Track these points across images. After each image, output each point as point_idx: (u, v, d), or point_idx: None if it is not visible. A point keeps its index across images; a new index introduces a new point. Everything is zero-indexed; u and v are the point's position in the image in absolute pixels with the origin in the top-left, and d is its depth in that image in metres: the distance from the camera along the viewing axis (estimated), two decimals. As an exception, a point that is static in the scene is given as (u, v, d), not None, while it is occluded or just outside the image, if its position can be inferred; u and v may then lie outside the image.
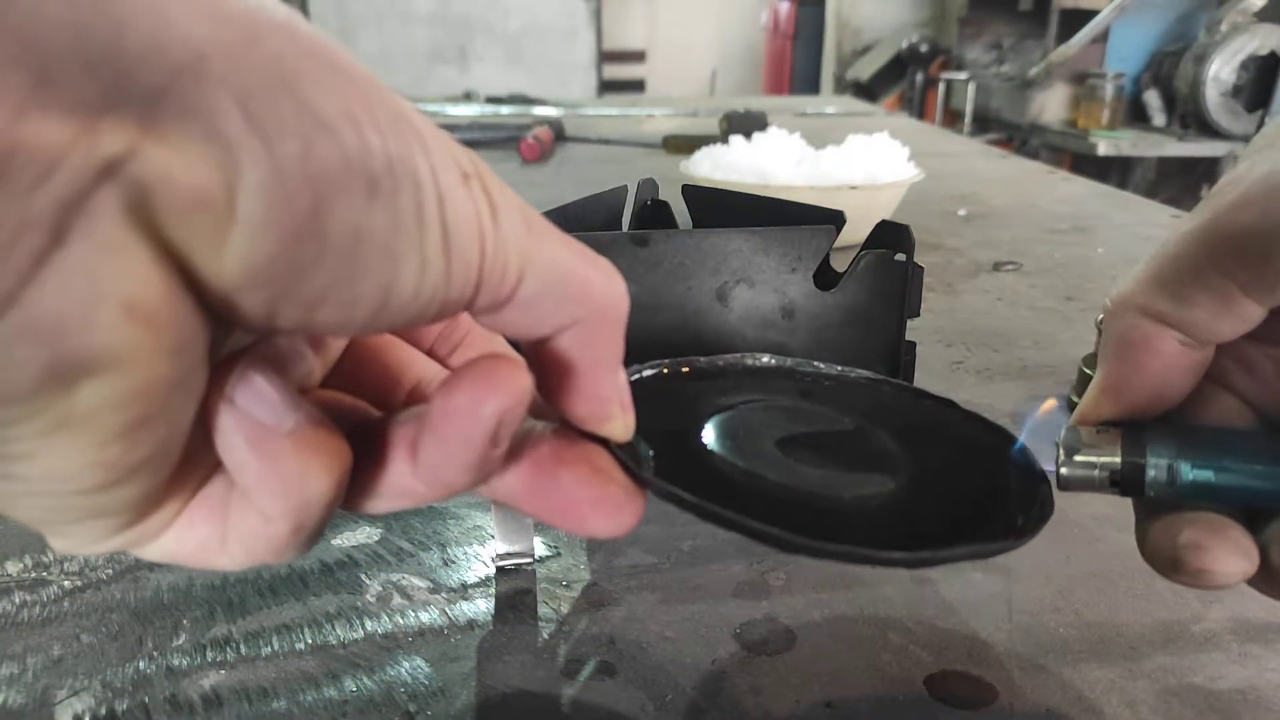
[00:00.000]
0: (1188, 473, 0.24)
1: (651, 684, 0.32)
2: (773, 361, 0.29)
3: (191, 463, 0.19)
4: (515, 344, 0.21)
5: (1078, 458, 0.25)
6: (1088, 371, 0.53)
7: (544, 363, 0.20)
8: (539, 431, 0.22)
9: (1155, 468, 0.24)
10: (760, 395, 0.27)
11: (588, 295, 0.19)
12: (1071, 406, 0.54)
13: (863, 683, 0.32)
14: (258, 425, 0.18)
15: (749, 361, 0.29)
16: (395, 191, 0.16)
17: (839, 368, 0.29)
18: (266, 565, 0.38)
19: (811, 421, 0.27)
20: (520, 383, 0.18)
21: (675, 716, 0.31)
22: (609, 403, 0.21)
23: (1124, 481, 0.25)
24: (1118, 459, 0.25)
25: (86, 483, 0.16)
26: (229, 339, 0.18)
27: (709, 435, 0.24)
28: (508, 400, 0.18)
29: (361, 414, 0.22)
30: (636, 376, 0.27)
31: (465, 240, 0.17)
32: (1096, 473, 0.25)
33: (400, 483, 0.20)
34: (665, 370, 0.27)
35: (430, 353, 0.25)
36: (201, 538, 0.19)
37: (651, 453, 0.23)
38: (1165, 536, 0.25)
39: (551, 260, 0.19)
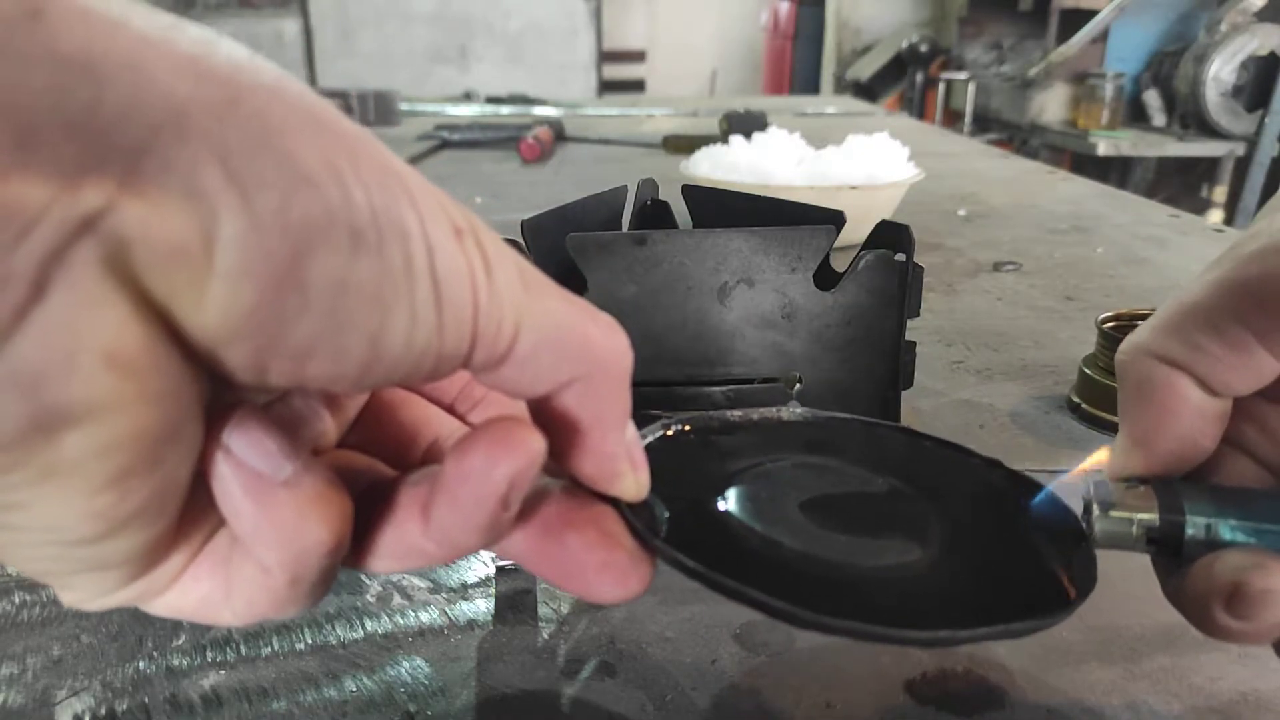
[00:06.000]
0: (1227, 533, 0.23)
1: (651, 684, 0.32)
2: (809, 415, 0.28)
3: (195, 517, 0.19)
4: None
5: (1113, 514, 0.24)
6: (1087, 371, 0.53)
7: (549, 421, 0.20)
8: (549, 491, 0.21)
9: (1194, 526, 0.23)
10: (790, 453, 0.26)
11: (588, 351, 0.19)
12: (1072, 406, 0.54)
13: (862, 683, 0.32)
14: (253, 473, 0.18)
15: (783, 415, 0.28)
16: (381, 243, 0.16)
17: (878, 422, 0.28)
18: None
19: (842, 482, 0.25)
20: (533, 446, 0.18)
21: (675, 716, 0.31)
22: (617, 460, 0.21)
23: (1161, 540, 0.24)
24: (1156, 516, 0.24)
25: (81, 533, 0.16)
26: (229, 394, 0.18)
27: (732, 497, 0.24)
28: (520, 463, 0.18)
29: (375, 473, 0.22)
30: (660, 434, 0.26)
31: (457, 293, 0.17)
32: (1134, 530, 0.24)
33: (410, 542, 0.20)
34: (691, 427, 0.26)
35: (452, 409, 0.25)
36: (205, 592, 0.19)
37: (667, 515, 0.22)
38: (1209, 572, 0.23)
39: (549, 316, 0.18)
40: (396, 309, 0.16)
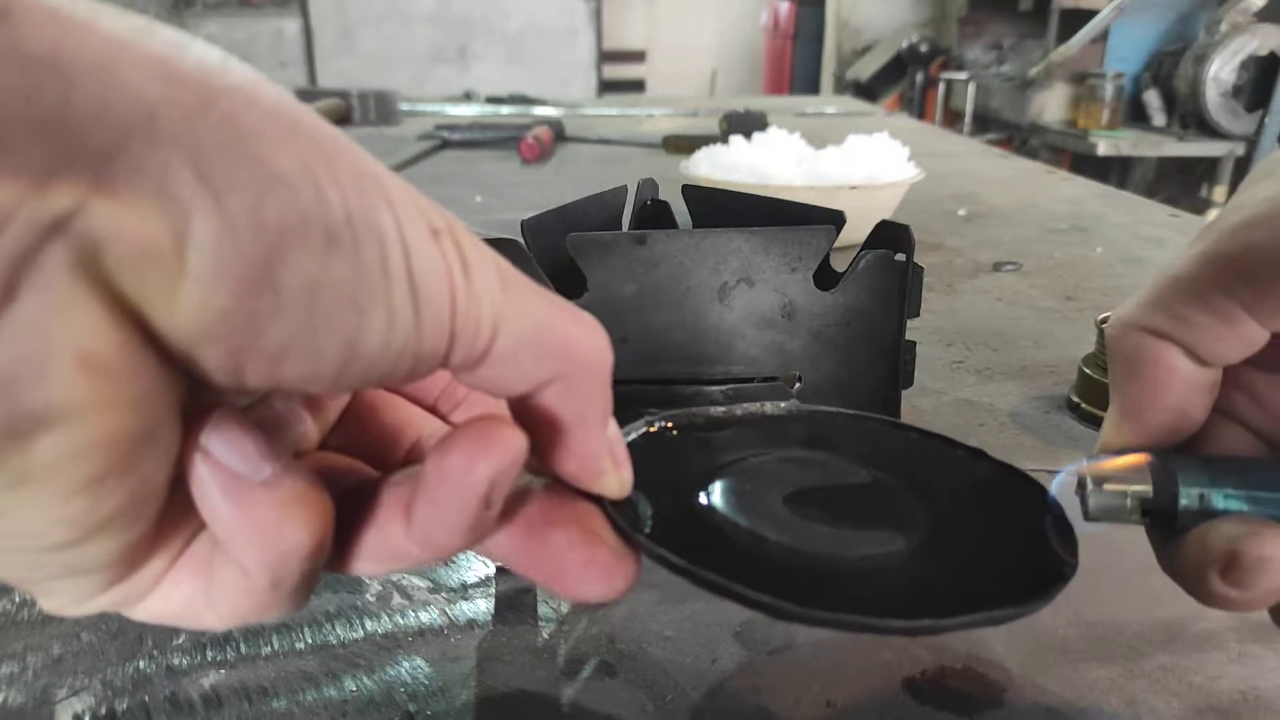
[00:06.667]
0: (1220, 502, 0.23)
1: (651, 684, 0.32)
2: (793, 408, 0.28)
3: (175, 521, 0.19)
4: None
5: (1107, 487, 0.24)
6: (1087, 371, 0.53)
7: (530, 420, 0.20)
8: (531, 490, 0.21)
9: (1188, 496, 0.24)
10: (776, 446, 0.26)
11: (568, 350, 0.19)
12: (1072, 405, 0.54)
13: (863, 682, 0.32)
14: (232, 475, 0.17)
15: (768, 410, 0.28)
16: (356, 244, 0.16)
17: (863, 414, 0.28)
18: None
19: (827, 475, 0.26)
20: (514, 444, 0.18)
21: (675, 716, 0.31)
22: (599, 459, 0.21)
23: (1155, 511, 0.24)
24: (1149, 487, 0.24)
25: (56, 538, 0.16)
26: (207, 396, 0.18)
27: (716, 492, 0.24)
28: (501, 462, 0.18)
29: (358, 474, 0.22)
30: (644, 431, 0.26)
31: (435, 293, 0.17)
32: (1128, 502, 0.24)
33: (394, 544, 0.20)
34: (674, 423, 0.26)
35: (434, 409, 0.25)
36: (187, 596, 0.19)
37: (651, 511, 0.22)
38: (1204, 541, 0.23)
39: (529, 315, 0.18)
40: (373, 309, 0.16)
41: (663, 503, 0.22)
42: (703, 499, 0.23)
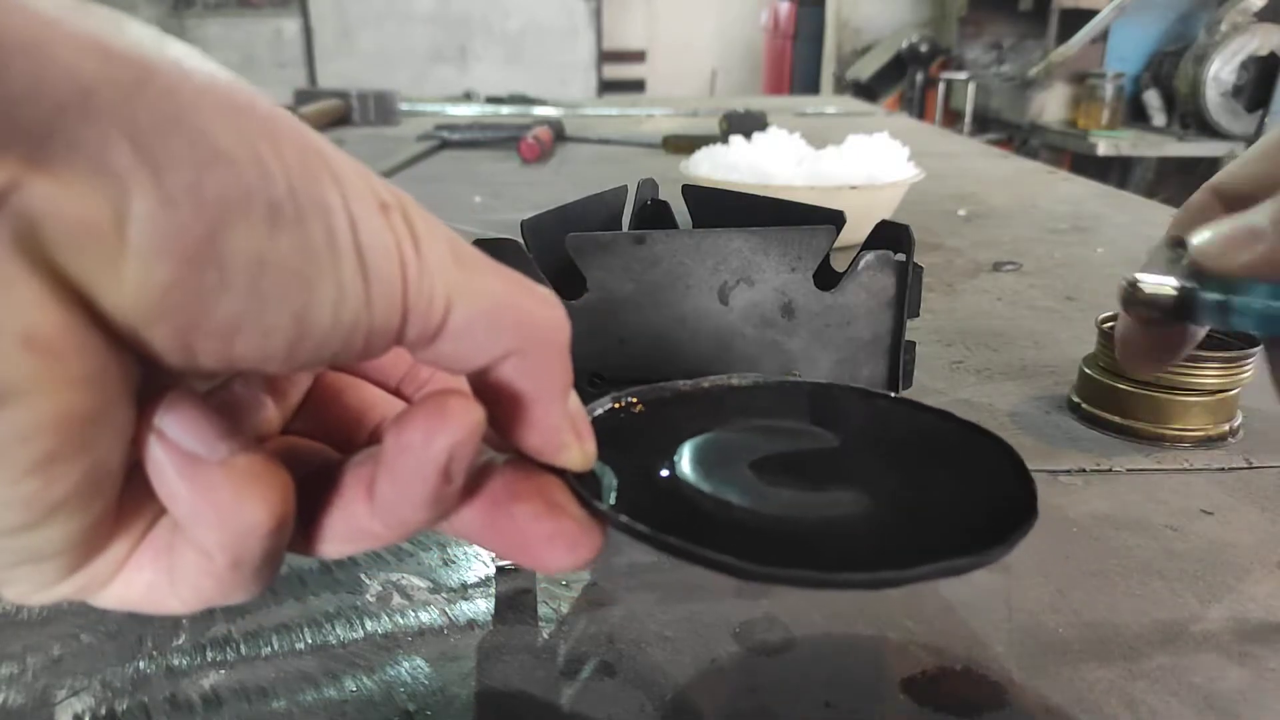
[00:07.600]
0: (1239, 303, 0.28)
1: (651, 684, 0.32)
2: (760, 380, 0.28)
3: (135, 505, 0.19)
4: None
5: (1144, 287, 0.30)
6: (1087, 371, 0.53)
7: (491, 396, 0.20)
8: (495, 465, 0.21)
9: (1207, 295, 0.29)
10: (742, 417, 0.27)
11: (524, 324, 0.19)
12: (1072, 406, 0.54)
13: (862, 682, 0.32)
14: (187, 455, 0.17)
15: (734, 382, 0.28)
16: (300, 219, 0.16)
17: (830, 384, 0.29)
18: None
19: (792, 441, 0.26)
20: (471, 416, 0.18)
21: (675, 716, 0.31)
22: (559, 431, 0.21)
23: (1180, 304, 0.29)
24: (1174, 291, 0.30)
25: (9, 521, 0.16)
26: (165, 379, 0.17)
27: (682, 462, 0.24)
28: (459, 434, 0.18)
29: (323, 457, 0.22)
30: (610, 407, 0.26)
31: (384, 268, 0.17)
32: (1161, 296, 0.30)
33: (358, 524, 0.20)
34: (640, 398, 0.27)
35: (398, 392, 0.25)
36: (150, 581, 0.19)
37: (616, 482, 0.22)
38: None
39: (483, 289, 0.18)
40: (321, 284, 0.16)
41: (629, 474, 0.23)
42: (668, 469, 0.24)
